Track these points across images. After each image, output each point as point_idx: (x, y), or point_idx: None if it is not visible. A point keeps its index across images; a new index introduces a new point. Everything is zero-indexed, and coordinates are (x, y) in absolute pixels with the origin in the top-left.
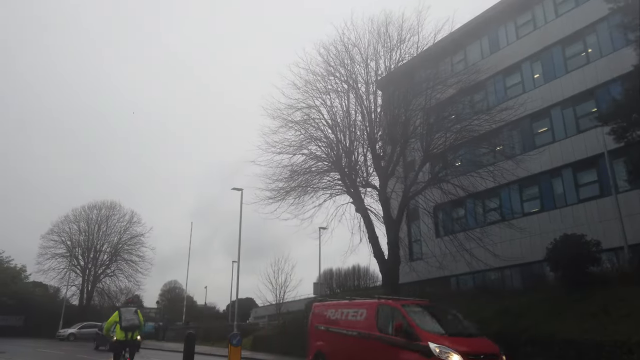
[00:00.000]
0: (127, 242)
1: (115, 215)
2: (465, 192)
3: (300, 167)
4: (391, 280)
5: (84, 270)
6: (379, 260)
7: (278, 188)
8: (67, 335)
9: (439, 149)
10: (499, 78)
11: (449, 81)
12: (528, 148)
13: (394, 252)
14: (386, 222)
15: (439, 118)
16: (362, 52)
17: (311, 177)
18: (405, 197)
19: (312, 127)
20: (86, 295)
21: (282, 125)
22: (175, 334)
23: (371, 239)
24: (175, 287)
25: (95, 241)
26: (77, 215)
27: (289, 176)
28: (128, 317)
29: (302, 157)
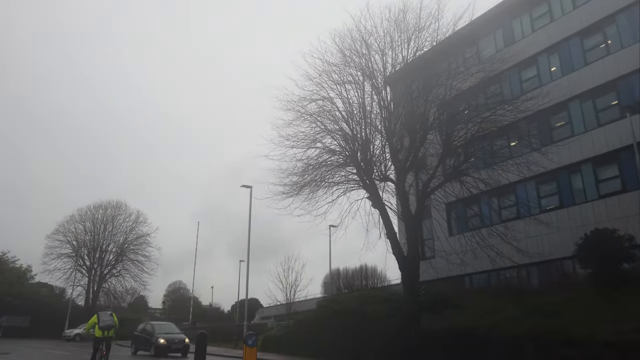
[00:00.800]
0: (133, 242)
1: (121, 215)
2: (487, 186)
3: (314, 160)
4: (411, 278)
5: (89, 271)
6: (397, 257)
7: (291, 183)
8: (73, 336)
9: (460, 141)
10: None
11: (472, 69)
12: (546, 142)
13: (413, 248)
14: (405, 217)
15: (460, 109)
16: (378, 41)
17: (326, 171)
18: (424, 192)
19: (327, 119)
20: (92, 295)
21: (295, 118)
22: None
23: (389, 235)
24: (180, 288)
25: (101, 241)
26: (82, 215)
27: (302, 170)
28: (104, 319)
29: (316, 150)
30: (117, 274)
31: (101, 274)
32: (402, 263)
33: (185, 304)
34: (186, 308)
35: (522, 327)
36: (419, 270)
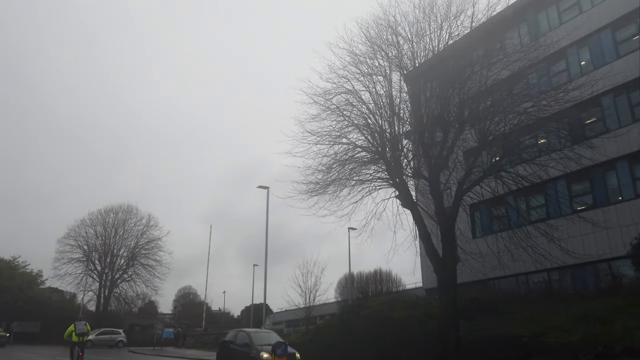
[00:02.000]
0: (144, 246)
1: (132, 219)
2: (527, 182)
3: (340, 157)
4: (447, 281)
5: (100, 275)
6: (432, 259)
7: (316, 181)
8: None
9: (497, 135)
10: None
11: (514, 56)
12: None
13: (449, 249)
14: (439, 217)
15: (498, 99)
16: (408, 30)
17: (352, 168)
18: (460, 189)
19: (353, 113)
20: (103, 300)
21: (320, 112)
22: (195, 341)
23: (423, 236)
24: (189, 293)
25: (112, 245)
26: (93, 219)
27: (327, 167)
28: (80, 327)
29: (341, 146)
30: (128, 279)
31: (112, 278)
32: (437, 266)
33: (195, 309)
34: (196, 313)
35: (574, 335)
36: (456, 273)
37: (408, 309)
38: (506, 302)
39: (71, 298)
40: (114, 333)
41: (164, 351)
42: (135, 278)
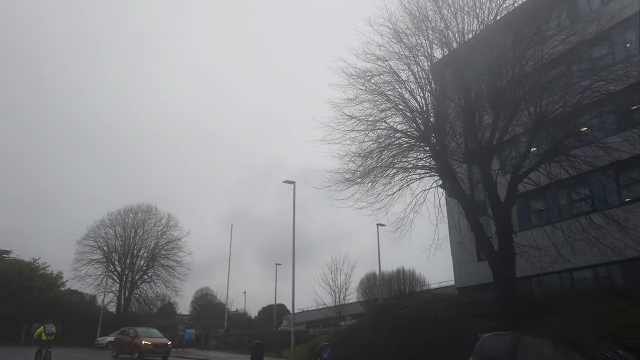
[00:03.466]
0: (164, 247)
1: (152, 219)
2: (591, 166)
3: (378, 143)
4: (505, 275)
5: (120, 277)
6: (487, 253)
7: (352, 170)
8: (105, 344)
9: (557, 114)
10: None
11: (571, 29)
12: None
13: (506, 241)
14: (494, 206)
15: (556, 77)
16: (452, 3)
17: (391, 155)
18: (515, 176)
19: (394, 94)
20: (123, 301)
21: (356, 95)
22: (217, 342)
23: (475, 227)
24: (207, 294)
25: (132, 246)
26: (112, 219)
27: (363, 156)
28: (48, 329)
29: (380, 132)
30: (148, 280)
31: (132, 279)
32: (492, 259)
33: (213, 310)
34: (214, 314)
35: None
36: (515, 265)
37: (450, 308)
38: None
39: (91, 300)
40: None
41: (187, 353)
42: (155, 279)
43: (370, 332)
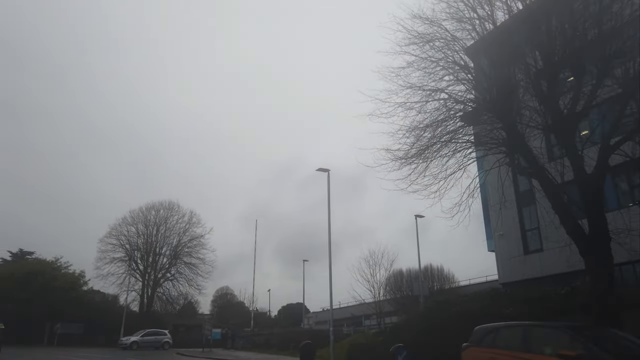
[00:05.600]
0: (186, 244)
1: (174, 216)
2: None
3: (435, 116)
4: (600, 262)
5: (143, 275)
6: (575, 237)
7: (404, 149)
8: (129, 344)
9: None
10: None
11: None
12: None
13: (598, 223)
14: (581, 183)
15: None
16: None
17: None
18: (605, 147)
19: (451, 60)
20: (147, 300)
21: (409, 63)
22: (244, 342)
23: (558, 207)
24: (226, 293)
25: (154, 244)
26: (134, 216)
27: (417, 132)
28: None
29: (437, 103)
30: (171, 278)
31: (155, 278)
32: (583, 244)
33: (233, 309)
34: (235, 313)
35: None
36: (611, 250)
37: (513, 304)
38: None
39: (113, 299)
40: (159, 334)
41: (214, 353)
42: (178, 277)
43: (417, 331)
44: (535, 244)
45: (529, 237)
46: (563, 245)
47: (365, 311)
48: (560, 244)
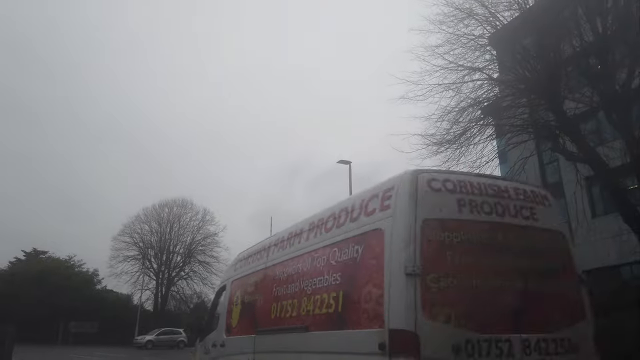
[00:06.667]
0: (200, 242)
1: (188, 214)
2: None
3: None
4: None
5: (157, 273)
6: (635, 226)
7: (439, 133)
8: (144, 343)
9: None
10: None
11: None
12: None
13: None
14: (637, 166)
15: None
16: None
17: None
18: None
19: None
20: (160, 299)
21: (445, 41)
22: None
23: (614, 194)
24: None
25: (168, 242)
26: (147, 214)
27: (455, 114)
28: None
29: (474, 84)
30: (185, 277)
31: (169, 276)
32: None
33: None
34: None
35: None
36: None
37: None
38: None
39: (125, 298)
40: (174, 333)
41: None
42: (192, 275)
43: None
44: None
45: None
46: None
47: None
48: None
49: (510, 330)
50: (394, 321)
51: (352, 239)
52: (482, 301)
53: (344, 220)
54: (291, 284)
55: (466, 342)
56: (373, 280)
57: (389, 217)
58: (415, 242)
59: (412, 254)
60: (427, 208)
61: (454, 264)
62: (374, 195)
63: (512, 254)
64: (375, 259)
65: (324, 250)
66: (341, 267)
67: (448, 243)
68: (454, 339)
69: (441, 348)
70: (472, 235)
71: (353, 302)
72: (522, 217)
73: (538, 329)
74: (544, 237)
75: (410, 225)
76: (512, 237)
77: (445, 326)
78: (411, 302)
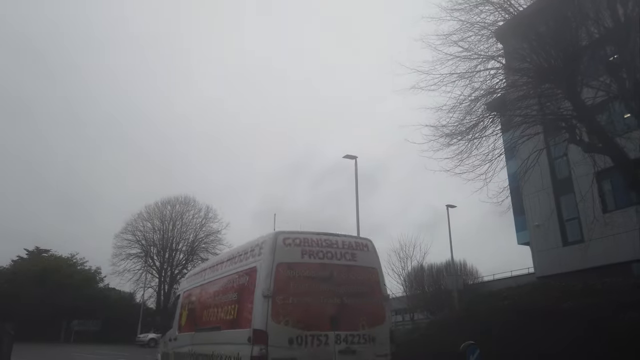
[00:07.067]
0: (203, 240)
1: (190, 211)
2: None
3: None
4: None
5: (159, 271)
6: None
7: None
8: (147, 341)
9: None
10: None
11: None
12: None
13: None
14: None
15: None
16: None
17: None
18: None
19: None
20: (163, 297)
21: (457, 30)
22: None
23: (634, 186)
24: None
25: (171, 239)
26: (150, 212)
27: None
28: None
29: (488, 72)
30: None
31: (172, 274)
32: None
33: None
34: None
35: None
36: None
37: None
38: None
39: (128, 297)
40: None
41: None
42: None
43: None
44: (575, 234)
45: (568, 227)
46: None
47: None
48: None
49: (328, 329)
50: (255, 324)
51: (243, 271)
52: (310, 312)
53: (240, 259)
54: (214, 298)
55: (297, 336)
56: (249, 299)
57: (260, 261)
58: (271, 276)
59: (268, 284)
60: (280, 256)
61: (294, 289)
62: (254, 246)
63: (335, 283)
64: (252, 286)
65: (230, 277)
66: (237, 289)
67: (292, 277)
68: (289, 334)
69: (281, 340)
70: (309, 272)
71: (240, 312)
72: (345, 259)
73: (348, 328)
74: (361, 272)
75: (269, 267)
76: (337, 272)
77: (284, 327)
78: (265, 313)
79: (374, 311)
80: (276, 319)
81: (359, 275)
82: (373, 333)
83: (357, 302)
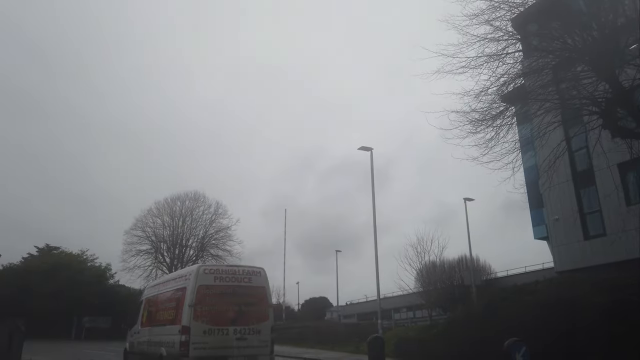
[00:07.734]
0: (213, 236)
1: (200, 207)
2: None
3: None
4: None
5: (170, 268)
6: None
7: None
8: None
9: None
10: None
11: None
12: None
13: None
14: None
15: None
16: None
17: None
18: None
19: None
20: None
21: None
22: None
23: None
24: None
25: (181, 235)
26: (160, 208)
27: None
28: None
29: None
30: None
31: None
32: None
33: None
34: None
35: None
36: None
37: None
38: None
39: (138, 293)
40: None
41: None
42: None
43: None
44: (597, 228)
45: (589, 221)
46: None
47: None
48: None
49: (229, 325)
50: (183, 322)
51: (178, 289)
52: (218, 315)
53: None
54: (162, 304)
55: (209, 329)
56: (181, 307)
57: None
58: (194, 293)
59: (192, 298)
60: (200, 280)
61: (209, 301)
62: (187, 273)
63: (237, 297)
64: (183, 298)
65: (172, 292)
66: (175, 300)
67: (207, 293)
68: (203, 328)
69: (198, 332)
70: (219, 290)
71: (176, 314)
72: (244, 282)
73: (243, 324)
74: (254, 289)
75: (193, 287)
76: (238, 290)
77: (201, 324)
78: (189, 315)
79: (260, 314)
80: (196, 319)
81: (252, 291)
82: (259, 327)
83: (250, 309)
